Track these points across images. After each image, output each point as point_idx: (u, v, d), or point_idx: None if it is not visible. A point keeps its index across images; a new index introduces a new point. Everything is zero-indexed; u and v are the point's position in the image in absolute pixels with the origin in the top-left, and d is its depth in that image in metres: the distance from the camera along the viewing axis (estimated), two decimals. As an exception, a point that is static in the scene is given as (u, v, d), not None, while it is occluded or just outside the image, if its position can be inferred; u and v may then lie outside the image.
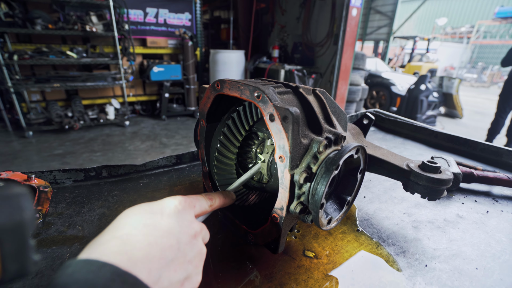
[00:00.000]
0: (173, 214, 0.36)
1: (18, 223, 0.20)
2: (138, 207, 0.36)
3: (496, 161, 1.04)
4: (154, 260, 0.30)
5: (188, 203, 0.41)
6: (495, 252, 0.62)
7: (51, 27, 4.39)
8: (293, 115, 0.44)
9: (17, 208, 0.20)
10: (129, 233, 0.31)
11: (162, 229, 0.33)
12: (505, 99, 4.34)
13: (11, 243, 0.20)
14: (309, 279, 0.55)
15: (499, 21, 14.53)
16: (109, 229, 0.32)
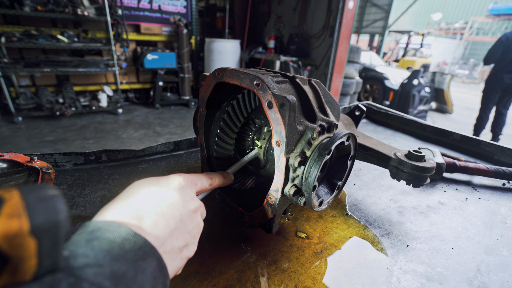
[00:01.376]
0: (177, 189, 0.40)
1: (54, 224, 0.21)
2: (146, 180, 0.39)
3: (478, 153, 1.11)
4: (160, 227, 0.34)
5: (190, 180, 0.45)
6: (470, 234, 0.67)
7: (40, 9, 4.24)
8: (290, 103, 0.47)
9: (53, 209, 0.22)
10: (139, 202, 0.34)
11: (167, 202, 0.37)
12: (488, 96, 4.50)
13: (47, 241, 0.21)
14: (301, 257, 0.59)
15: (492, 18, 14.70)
16: (121, 197, 0.35)
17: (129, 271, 0.26)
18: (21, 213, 0.20)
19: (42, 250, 0.21)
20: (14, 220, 0.19)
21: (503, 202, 0.81)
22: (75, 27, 5.02)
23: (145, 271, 0.28)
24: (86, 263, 0.24)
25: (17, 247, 0.19)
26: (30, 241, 0.20)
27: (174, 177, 0.43)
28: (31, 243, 0.20)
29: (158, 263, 0.31)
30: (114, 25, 4.83)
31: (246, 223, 0.65)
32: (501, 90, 4.37)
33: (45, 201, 0.21)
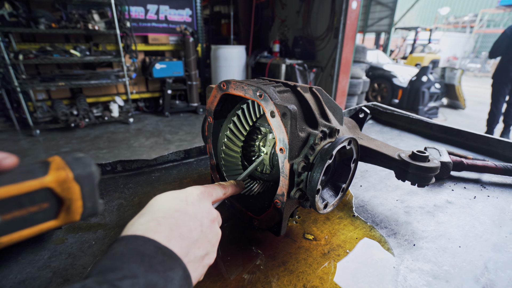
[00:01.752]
0: (196, 202, 0.43)
1: (90, 172, 0.29)
2: (167, 194, 0.43)
3: (487, 150, 1.10)
4: (184, 238, 0.37)
5: (207, 192, 0.48)
6: (478, 232, 0.68)
7: (54, 26, 4.45)
8: (291, 112, 0.50)
9: (87, 163, 0.29)
10: (163, 216, 0.37)
11: (188, 214, 0.40)
12: (497, 90, 4.41)
13: (86, 186, 0.28)
14: (309, 258, 0.61)
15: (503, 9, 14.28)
16: (146, 212, 0.38)
17: (160, 281, 0.29)
18: (64, 166, 0.27)
19: (84, 194, 0.28)
20: (61, 171, 0.27)
21: (513, 200, 0.81)
22: (87, 41, 5.22)
23: (173, 281, 0.30)
24: (123, 275, 0.27)
25: (67, 189, 0.27)
26: (75, 185, 0.27)
27: (192, 190, 0.46)
28: (76, 187, 0.27)
29: (184, 272, 0.33)
30: (123, 37, 5.00)
31: (255, 227, 0.68)
32: (510, 83, 4.27)
33: (79, 159, 0.29)
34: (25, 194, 0.24)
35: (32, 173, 0.25)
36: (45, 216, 0.26)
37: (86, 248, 0.62)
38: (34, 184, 0.25)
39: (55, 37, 4.95)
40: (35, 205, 0.25)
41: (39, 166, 0.26)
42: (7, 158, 0.25)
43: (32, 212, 0.25)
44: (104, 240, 0.65)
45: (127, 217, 0.75)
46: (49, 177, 0.26)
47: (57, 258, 0.60)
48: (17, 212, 0.24)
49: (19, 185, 0.24)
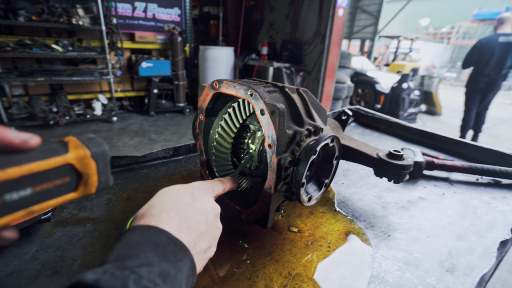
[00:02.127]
0: (203, 197, 0.46)
1: (104, 151, 0.32)
2: (174, 188, 0.44)
3: (456, 151, 1.19)
4: (192, 231, 0.39)
5: (210, 188, 0.51)
6: (444, 224, 0.75)
7: (35, 18, 4.28)
8: (279, 110, 0.54)
9: (100, 142, 0.32)
10: (173, 209, 0.39)
11: (196, 208, 0.42)
12: (469, 98, 4.73)
13: (101, 163, 0.32)
14: (293, 248, 0.66)
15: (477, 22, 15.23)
16: (155, 203, 0.40)
17: (171, 270, 0.31)
18: (82, 145, 0.30)
19: (99, 169, 0.32)
20: (79, 149, 0.30)
21: (475, 195, 0.89)
22: (70, 36, 5.06)
23: (182, 270, 0.33)
24: (141, 263, 0.29)
25: (86, 165, 0.30)
26: (92, 162, 0.31)
27: (198, 185, 0.48)
28: (92, 163, 0.31)
29: (191, 263, 0.35)
30: (108, 33, 4.89)
31: (243, 220, 0.72)
32: (480, 92, 4.58)
33: (92, 139, 0.32)
34: (51, 169, 0.27)
35: (55, 151, 0.28)
36: (67, 188, 0.30)
37: (75, 241, 0.63)
38: (58, 161, 0.28)
39: (36, 30, 4.76)
40: (59, 179, 0.28)
41: (58, 144, 0.30)
42: (32, 138, 0.27)
43: (56, 185, 0.28)
44: (94, 233, 0.66)
45: (116, 211, 0.76)
46: (70, 154, 0.29)
47: (45, 251, 0.60)
48: (45, 184, 0.27)
49: (46, 161, 0.27)
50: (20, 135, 0.26)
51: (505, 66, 4.33)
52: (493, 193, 0.90)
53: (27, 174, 0.25)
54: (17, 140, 0.26)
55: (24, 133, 0.27)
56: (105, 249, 0.62)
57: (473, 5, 20.21)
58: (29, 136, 0.27)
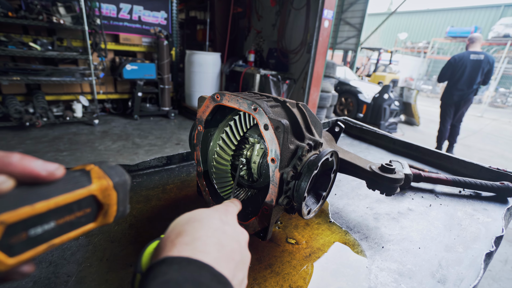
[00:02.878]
0: (231, 221, 0.41)
1: (125, 180, 0.32)
2: (200, 211, 0.40)
3: (439, 164, 1.26)
4: (230, 260, 0.33)
5: (235, 211, 0.47)
6: (433, 235, 0.79)
7: (12, 15, 4.07)
8: (284, 126, 0.55)
9: (121, 172, 0.32)
10: (207, 235, 0.34)
11: (228, 234, 0.37)
12: (444, 111, 5.02)
13: (121, 193, 0.32)
14: (292, 260, 0.66)
15: (450, 39, 16.25)
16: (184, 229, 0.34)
17: None
18: (104, 175, 0.30)
19: (119, 199, 0.31)
20: (102, 179, 0.30)
21: (459, 207, 0.95)
22: (50, 35, 4.84)
23: None
24: None
25: (107, 196, 0.30)
26: (113, 192, 0.30)
27: (222, 208, 0.44)
28: (114, 194, 0.30)
29: None
30: (91, 34, 4.74)
31: (241, 232, 0.71)
32: (454, 105, 4.89)
33: (113, 168, 0.32)
34: (75, 202, 0.27)
35: (79, 182, 0.28)
36: (87, 219, 0.29)
37: (68, 256, 0.60)
38: (82, 193, 0.28)
39: (12, 27, 4.51)
40: (81, 211, 0.28)
41: (80, 174, 0.29)
42: (58, 169, 0.27)
43: (78, 216, 0.28)
44: (88, 247, 0.64)
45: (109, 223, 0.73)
46: (93, 186, 0.29)
47: (37, 266, 0.57)
48: (67, 217, 0.27)
49: (72, 193, 0.27)
50: (47, 166, 0.26)
51: (475, 81, 4.65)
52: (475, 205, 0.96)
53: (53, 208, 0.25)
54: (44, 172, 0.25)
55: (49, 163, 0.26)
56: (101, 263, 0.59)
57: (446, 23, 21.64)
58: (55, 167, 0.26)
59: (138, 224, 0.73)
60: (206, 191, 0.78)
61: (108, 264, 0.59)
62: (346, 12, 9.86)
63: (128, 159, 3.80)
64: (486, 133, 8.58)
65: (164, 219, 0.77)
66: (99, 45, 4.85)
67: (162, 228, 0.73)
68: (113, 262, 0.59)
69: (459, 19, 21.26)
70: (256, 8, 6.20)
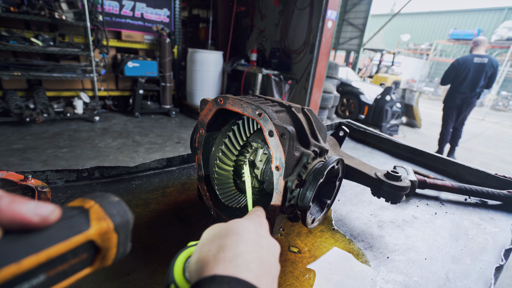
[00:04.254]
0: (266, 234, 0.40)
1: (127, 220, 0.29)
2: (237, 223, 0.38)
3: (444, 170, 1.24)
4: (269, 276, 0.33)
5: (266, 223, 0.44)
6: (439, 246, 0.77)
7: (13, 10, 4.04)
8: (290, 133, 0.53)
9: (125, 211, 0.29)
10: (247, 250, 0.33)
11: (264, 247, 0.36)
12: (446, 114, 4.99)
13: (123, 235, 0.29)
14: (295, 270, 0.64)
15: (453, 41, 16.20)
16: (225, 243, 0.34)
17: None
18: (104, 216, 0.27)
19: (120, 242, 0.28)
20: (102, 222, 0.26)
21: (465, 216, 0.93)
22: (51, 31, 4.82)
23: None
24: None
25: (107, 240, 0.27)
26: (114, 235, 0.27)
27: (257, 220, 0.42)
28: (114, 237, 0.27)
29: None
30: (93, 30, 4.71)
31: (243, 240, 0.69)
32: (456, 109, 4.86)
33: (115, 205, 0.28)
34: (71, 250, 0.24)
35: (76, 226, 0.25)
36: (82, 265, 0.26)
37: (64, 263, 0.58)
38: (79, 239, 0.24)
39: (13, 22, 4.49)
40: (76, 258, 0.25)
41: (78, 215, 0.26)
42: (53, 213, 0.23)
43: (72, 265, 0.25)
44: (84, 253, 0.62)
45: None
46: (92, 230, 0.25)
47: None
48: (60, 267, 0.23)
49: (67, 242, 0.23)
50: (40, 210, 0.22)
51: (478, 85, 4.62)
52: (481, 213, 0.94)
53: (44, 262, 0.22)
54: (36, 218, 0.22)
55: (43, 206, 0.23)
56: (97, 271, 0.57)
57: (449, 25, 21.55)
58: (49, 210, 0.23)
59: (137, 229, 0.71)
60: (207, 196, 0.76)
61: (104, 272, 0.57)
62: (349, 13, 9.81)
63: (128, 157, 3.78)
64: (488, 136, 8.55)
65: (163, 224, 0.75)
66: (101, 41, 4.83)
67: (161, 234, 0.71)
68: (110, 270, 0.57)
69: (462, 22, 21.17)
70: (260, 7, 6.16)
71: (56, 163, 3.44)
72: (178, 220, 0.78)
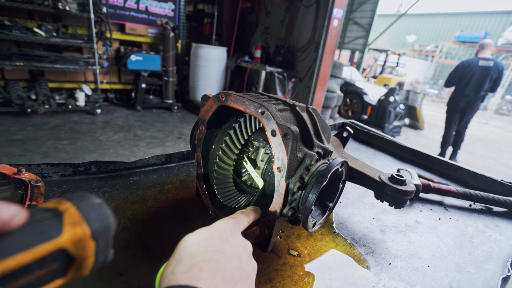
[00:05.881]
0: (231, 238, 0.41)
1: (107, 227, 0.26)
2: (198, 234, 0.40)
3: (448, 174, 1.21)
4: (228, 281, 0.34)
5: (237, 225, 0.46)
6: (443, 253, 0.74)
7: None
8: (293, 133, 0.51)
9: (105, 215, 0.26)
10: (203, 260, 0.34)
11: (227, 253, 0.38)
12: (450, 117, 4.95)
13: (102, 242, 0.26)
14: (294, 275, 0.62)
15: (459, 44, 16.03)
16: (182, 256, 0.35)
17: None
18: (80, 221, 0.24)
19: (98, 250, 0.25)
20: (77, 227, 0.23)
21: (470, 222, 0.90)
22: (55, 21, 4.79)
23: None
24: None
25: (82, 248, 0.24)
26: (91, 243, 0.24)
27: (223, 225, 0.43)
28: (91, 245, 0.24)
29: None
30: (97, 22, 4.68)
31: (241, 241, 0.67)
32: (460, 111, 4.81)
33: (95, 208, 0.25)
34: (37, 260, 0.21)
35: (46, 233, 0.22)
36: (52, 276, 0.23)
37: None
38: (47, 248, 0.21)
39: (16, 11, 4.46)
40: (44, 268, 0.22)
41: (49, 218, 0.23)
42: (17, 216, 0.20)
43: (39, 276, 0.22)
44: (77, 250, 0.60)
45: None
46: (64, 237, 0.22)
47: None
48: (23, 279, 0.20)
49: (31, 251, 0.20)
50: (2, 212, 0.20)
51: (483, 88, 4.57)
52: (486, 220, 0.92)
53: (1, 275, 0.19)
54: None
55: (6, 207, 0.20)
56: (89, 271, 0.55)
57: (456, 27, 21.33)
58: (12, 213, 0.20)
59: (132, 227, 0.69)
60: (206, 194, 0.74)
61: (96, 272, 0.55)
62: (355, 12, 9.71)
63: (129, 151, 3.77)
64: (490, 140, 8.49)
65: (160, 223, 0.73)
66: (105, 34, 4.79)
67: (158, 232, 0.69)
68: (102, 270, 0.56)
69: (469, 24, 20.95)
70: (265, 4, 6.10)
71: (56, 155, 3.43)
72: (176, 218, 0.76)
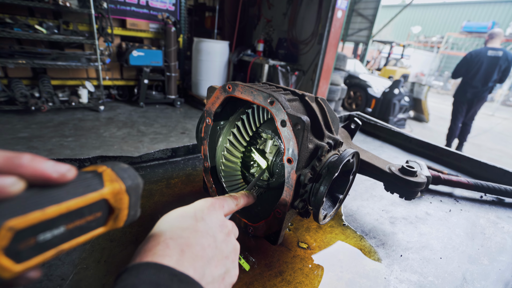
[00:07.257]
0: (207, 216, 0.40)
1: (137, 184, 0.31)
2: (173, 212, 0.40)
3: (458, 166, 1.19)
4: (197, 259, 0.33)
5: (218, 204, 0.44)
6: (455, 244, 0.73)
7: (18, -4, 4.00)
8: (304, 123, 0.50)
9: (134, 175, 0.31)
10: (171, 237, 0.34)
11: (199, 231, 0.37)
12: (456, 108, 4.86)
13: (133, 197, 0.30)
14: (304, 267, 0.62)
15: (465, 34, 15.71)
16: (152, 234, 0.35)
17: None
18: (117, 178, 0.29)
19: (131, 204, 0.30)
20: (115, 183, 0.28)
21: (481, 214, 0.89)
22: (55, 18, 4.77)
23: None
24: None
25: (119, 200, 0.29)
26: (125, 197, 0.29)
27: (201, 203, 0.42)
28: (126, 198, 0.29)
29: None
30: (98, 18, 4.65)
31: (250, 234, 0.67)
32: (467, 103, 4.73)
33: (126, 170, 0.30)
34: (87, 206, 0.26)
35: (91, 185, 0.27)
36: (97, 224, 0.28)
37: (63, 256, 0.56)
38: (94, 196, 0.26)
39: (17, 8, 4.45)
40: (91, 215, 0.27)
41: (92, 176, 0.28)
42: (70, 171, 0.25)
43: (88, 221, 0.27)
44: (85, 246, 0.60)
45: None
46: (106, 189, 0.28)
47: (31, 265, 0.53)
48: (78, 221, 0.26)
49: (83, 197, 0.25)
50: (58, 167, 0.24)
51: (491, 79, 4.47)
52: (499, 212, 0.90)
53: (64, 213, 0.24)
54: (55, 174, 0.24)
55: (61, 165, 0.25)
56: (99, 265, 0.55)
57: (462, 17, 20.88)
58: (67, 168, 0.25)
59: (140, 221, 0.69)
60: (213, 188, 0.73)
61: (106, 266, 0.55)
62: (359, 3, 9.53)
63: (133, 146, 3.78)
64: (497, 132, 8.37)
65: (168, 216, 0.73)
66: (106, 29, 4.77)
67: (166, 226, 0.69)
68: (112, 264, 0.55)
69: (476, 14, 20.49)
70: (267, -4, 6.00)
71: (61, 152, 3.46)
72: (183, 212, 0.75)
